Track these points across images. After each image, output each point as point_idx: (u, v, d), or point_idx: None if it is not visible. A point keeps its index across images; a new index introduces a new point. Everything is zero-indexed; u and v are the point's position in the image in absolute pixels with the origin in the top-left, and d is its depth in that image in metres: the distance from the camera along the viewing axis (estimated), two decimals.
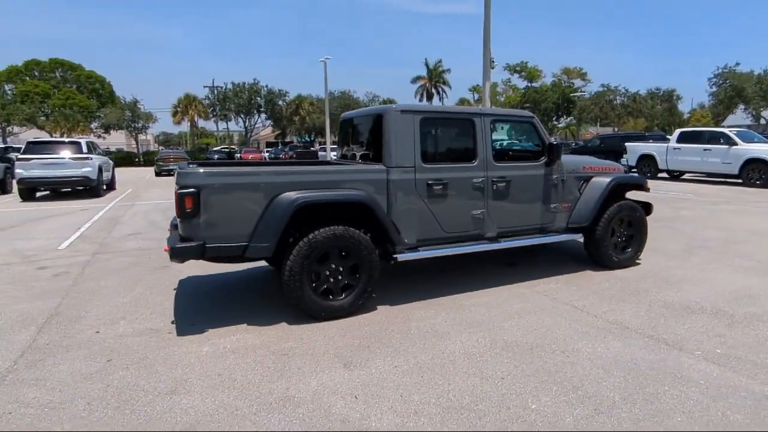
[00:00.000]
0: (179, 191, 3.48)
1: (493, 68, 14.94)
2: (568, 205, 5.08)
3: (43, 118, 47.72)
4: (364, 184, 4.06)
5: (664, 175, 16.42)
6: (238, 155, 36.59)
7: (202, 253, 3.60)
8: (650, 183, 5.98)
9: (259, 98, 41.38)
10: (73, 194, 13.92)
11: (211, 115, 42.69)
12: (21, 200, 12.89)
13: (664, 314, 3.96)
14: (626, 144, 17.48)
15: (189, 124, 43.52)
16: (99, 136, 51.84)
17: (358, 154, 4.90)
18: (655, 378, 2.92)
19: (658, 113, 43.22)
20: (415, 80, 52.43)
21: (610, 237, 5.22)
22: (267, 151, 39.13)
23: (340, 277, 3.97)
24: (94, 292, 4.78)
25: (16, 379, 3.02)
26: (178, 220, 3.63)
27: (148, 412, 2.62)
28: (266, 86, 41.27)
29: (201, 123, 50.80)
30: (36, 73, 54.57)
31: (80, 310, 4.25)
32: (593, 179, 5.19)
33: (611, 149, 19.20)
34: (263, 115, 43.81)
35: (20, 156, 12.94)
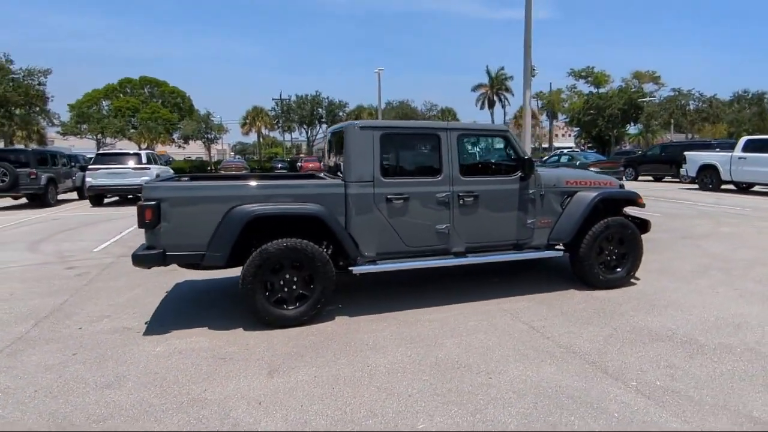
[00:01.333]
0: (140, 204, 3.84)
1: (533, 76, 14.52)
2: (548, 221, 4.90)
3: (132, 130, 52.83)
4: (323, 197, 4.21)
5: (731, 186, 15.00)
6: (300, 164, 38.15)
7: (163, 260, 3.93)
8: (709, 195, 5.59)
9: (320, 109, 42.99)
10: (137, 200, 15.33)
11: (276, 126, 44.99)
12: (91, 206, 14.40)
13: (624, 340, 3.72)
14: (686, 153, 16.14)
15: (256, 134, 46.15)
16: (179, 146, 56.54)
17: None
18: (569, 407, 2.79)
19: (746, 118, 39.38)
20: (476, 88, 51.82)
21: (597, 255, 4.95)
22: None
23: (294, 287, 4.13)
24: (100, 292, 5.32)
25: None
26: (143, 229, 4.00)
27: (75, 402, 2.93)
28: (327, 98, 42.86)
29: (270, 134, 53.61)
30: (128, 90, 60.36)
31: (78, 308, 4.76)
32: (578, 194, 4.96)
33: (672, 159, 17.84)
34: (324, 126, 45.41)
35: (90, 166, 14.49)
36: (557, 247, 4.97)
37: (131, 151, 15.62)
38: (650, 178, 21.26)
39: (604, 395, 2.91)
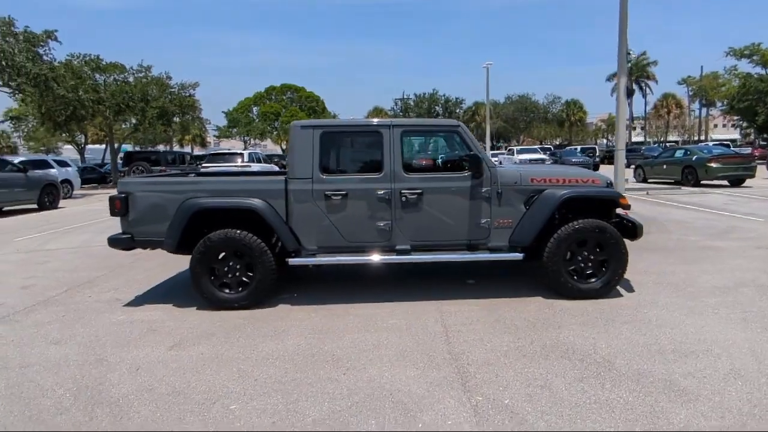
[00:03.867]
0: (111, 196, 4.59)
1: (629, 62, 12.84)
2: (508, 221, 4.52)
3: (275, 132, 59.30)
4: (267, 193, 4.53)
5: None
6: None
7: (132, 242, 4.64)
8: None
9: (437, 107, 43.25)
10: None
11: None
12: None
13: (525, 354, 3.36)
14: None
15: None
16: None
17: None
18: (382, 410, 2.69)
19: None
20: (611, 77, 46.85)
21: (566, 261, 4.43)
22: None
23: (237, 274, 4.53)
24: (132, 269, 6.37)
25: (3, 318, 4.52)
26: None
27: (22, 353, 3.70)
28: (444, 95, 42.91)
29: None
30: (272, 96, 67.54)
31: (104, 281, 5.80)
32: (545, 192, 4.48)
33: None
34: None
35: (204, 164, 16.87)
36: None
37: (237, 151, 17.77)
38: None
39: (435, 403, 2.74)
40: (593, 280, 4.46)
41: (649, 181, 17.89)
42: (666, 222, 8.95)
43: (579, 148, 28.49)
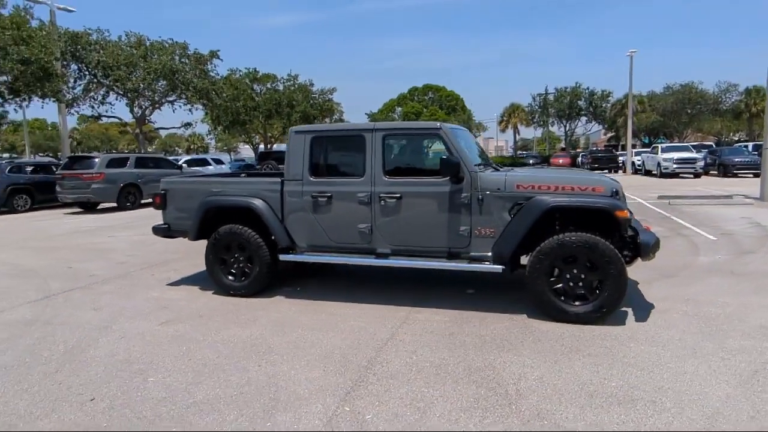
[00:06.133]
0: (153, 192, 5.47)
1: None
2: (491, 230, 4.18)
3: None
4: (266, 193, 4.94)
5: None
6: (551, 160, 36.48)
7: (168, 231, 5.48)
8: None
9: (579, 101, 39.60)
10: None
11: (531, 122, 43.98)
12: None
13: (441, 373, 3.15)
14: None
15: (512, 131, 46.27)
16: None
17: None
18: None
19: None
20: None
21: (551, 279, 3.93)
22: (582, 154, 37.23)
23: (241, 265, 5.04)
24: (199, 255, 7.40)
25: (86, 286, 5.73)
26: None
27: (65, 314, 4.69)
28: (588, 88, 39.03)
29: (529, 129, 52.62)
30: (415, 97, 69.39)
31: (171, 263, 6.84)
32: (532, 200, 4.02)
33: None
34: (584, 119, 41.61)
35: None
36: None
37: None
38: None
39: (303, 406, 2.79)
40: (582, 302, 3.87)
41: None
42: None
43: (751, 145, 23.30)
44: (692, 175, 20.63)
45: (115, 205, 14.06)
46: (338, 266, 6.03)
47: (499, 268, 4.14)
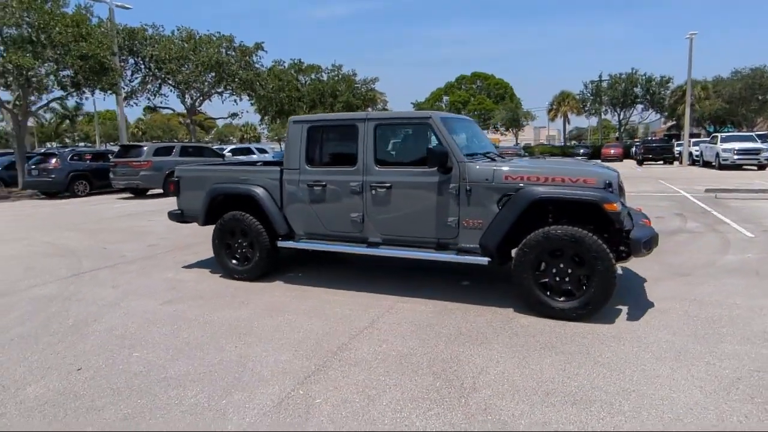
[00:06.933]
0: (168, 179, 5.76)
1: None
2: (479, 222, 4.09)
3: None
4: (266, 181, 5.08)
5: None
6: (602, 150, 34.81)
7: (182, 217, 5.76)
8: None
9: (635, 89, 37.27)
10: None
11: (582, 110, 41.99)
12: None
13: (404, 363, 3.16)
14: None
15: (563, 119, 44.39)
16: (502, 134, 60.50)
17: None
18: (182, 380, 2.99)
19: None
20: None
21: (537, 273, 3.81)
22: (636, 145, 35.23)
23: (244, 250, 5.24)
24: (200, 236, 7.60)
25: (114, 266, 6.16)
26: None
27: (86, 290, 5.08)
28: (644, 75, 36.55)
29: (580, 117, 50.30)
30: (463, 86, 68.04)
31: (193, 247, 7.16)
32: (519, 192, 3.90)
33: None
34: (640, 107, 39.12)
35: None
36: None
37: None
38: None
39: (261, 387, 2.90)
40: (568, 298, 3.73)
41: None
42: None
43: None
44: (756, 167, 19.01)
45: (161, 191, 14.91)
46: (340, 254, 6.10)
47: (485, 260, 4.06)
